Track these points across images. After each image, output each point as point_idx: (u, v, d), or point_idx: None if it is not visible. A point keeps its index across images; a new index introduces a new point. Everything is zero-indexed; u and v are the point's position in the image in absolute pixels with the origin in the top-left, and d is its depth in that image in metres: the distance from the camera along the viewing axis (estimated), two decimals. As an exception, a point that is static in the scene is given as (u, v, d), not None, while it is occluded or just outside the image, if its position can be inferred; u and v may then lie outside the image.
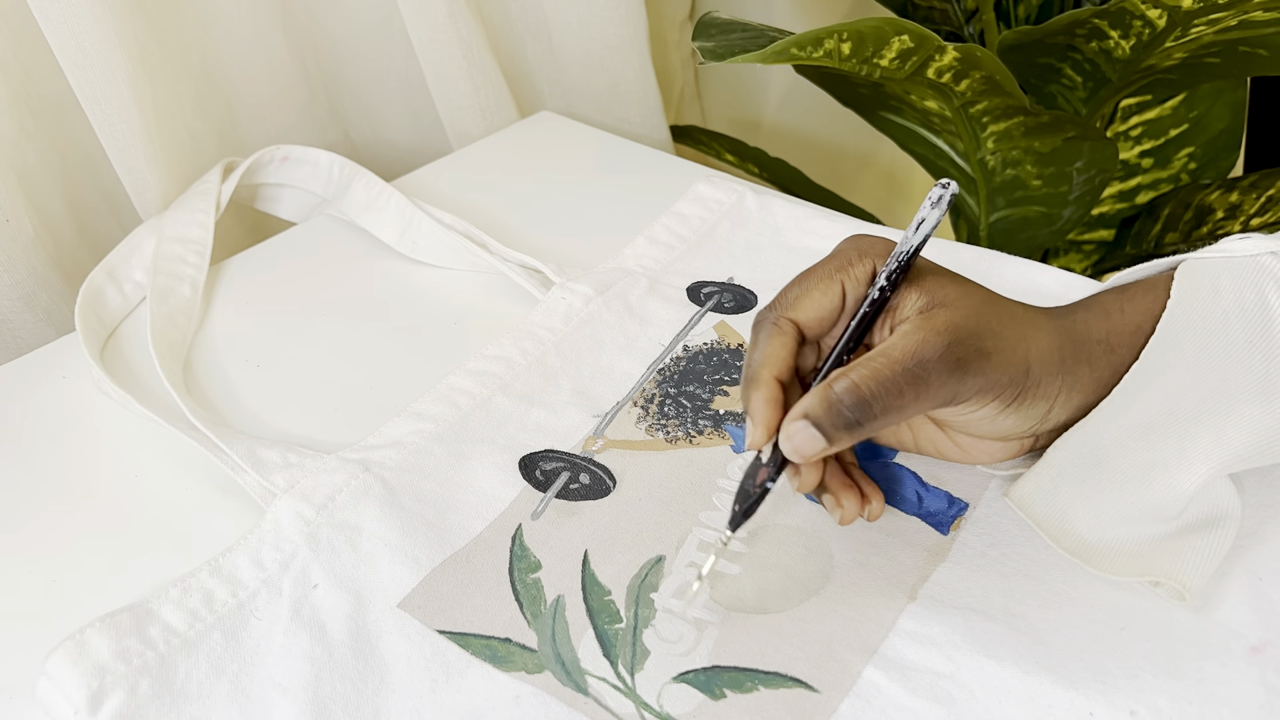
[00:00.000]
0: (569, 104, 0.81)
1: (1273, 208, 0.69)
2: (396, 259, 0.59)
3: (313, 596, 0.37)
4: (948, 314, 0.34)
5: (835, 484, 0.37)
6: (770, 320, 0.37)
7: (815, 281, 0.37)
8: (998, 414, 0.35)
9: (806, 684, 0.33)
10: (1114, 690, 0.32)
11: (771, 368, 0.35)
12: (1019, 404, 0.35)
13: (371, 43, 0.75)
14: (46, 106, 0.62)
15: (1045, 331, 0.36)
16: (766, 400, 0.35)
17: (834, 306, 0.37)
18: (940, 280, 0.35)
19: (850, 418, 0.33)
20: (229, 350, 0.53)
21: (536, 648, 0.35)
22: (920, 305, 0.35)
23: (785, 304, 0.37)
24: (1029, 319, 0.36)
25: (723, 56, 0.55)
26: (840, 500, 0.36)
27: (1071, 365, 0.36)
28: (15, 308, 0.60)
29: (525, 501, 0.41)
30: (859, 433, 0.33)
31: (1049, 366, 0.35)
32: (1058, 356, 0.35)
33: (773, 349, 0.36)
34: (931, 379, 0.33)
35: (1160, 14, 0.55)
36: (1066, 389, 0.36)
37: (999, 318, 0.35)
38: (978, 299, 0.35)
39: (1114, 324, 0.37)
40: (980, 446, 0.39)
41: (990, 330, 0.34)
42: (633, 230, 0.57)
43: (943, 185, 0.35)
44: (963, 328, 0.34)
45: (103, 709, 0.33)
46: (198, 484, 0.44)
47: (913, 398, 0.33)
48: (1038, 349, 0.35)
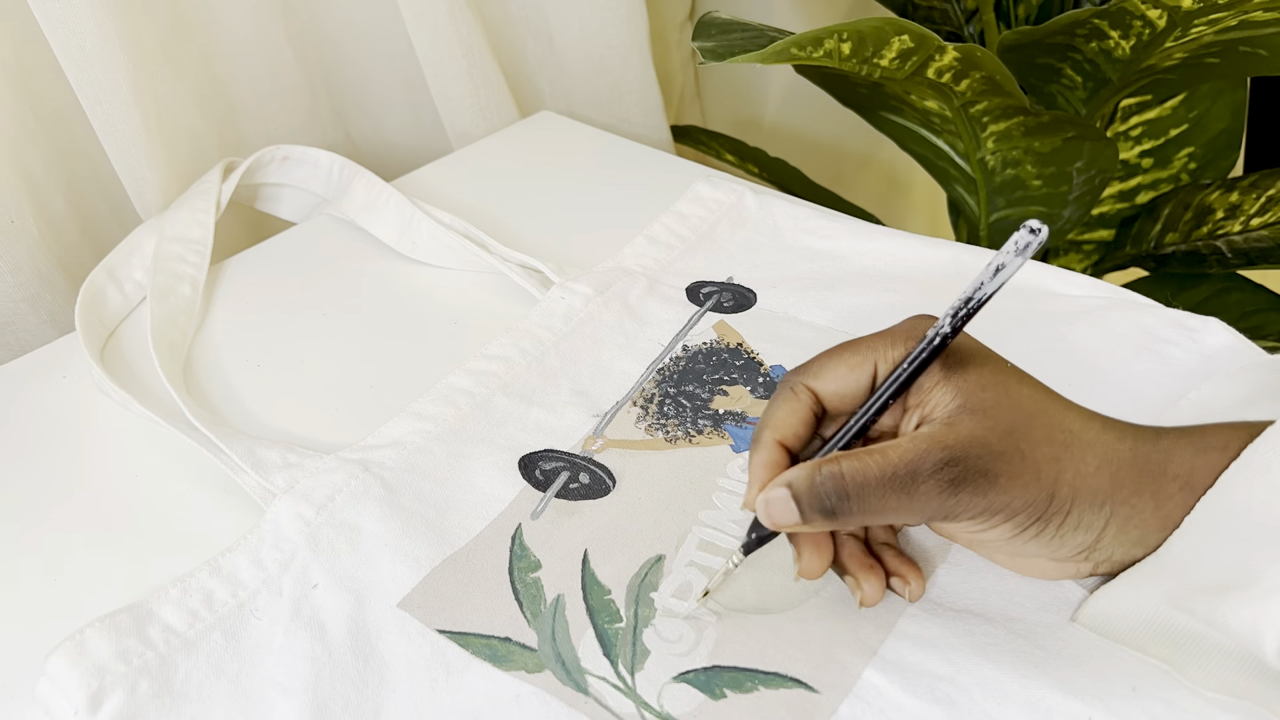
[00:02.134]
0: (569, 104, 0.81)
1: (1273, 208, 0.69)
2: (396, 259, 0.59)
3: (313, 596, 0.37)
4: (970, 426, 0.31)
5: (854, 565, 0.35)
6: (789, 385, 0.35)
7: (847, 355, 0.34)
8: (1012, 538, 0.33)
9: (806, 684, 0.33)
10: (1111, 696, 0.32)
11: (775, 431, 0.34)
12: (1041, 530, 0.32)
13: (372, 43, 0.75)
14: (49, 107, 0.62)
15: (1095, 455, 0.32)
16: (763, 463, 0.34)
17: (859, 385, 0.34)
18: (985, 380, 0.33)
19: (827, 506, 0.32)
20: (229, 350, 0.53)
21: (536, 647, 0.35)
22: (951, 409, 0.32)
23: (808, 371, 0.35)
24: (1078, 439, 0.32)
25: (723, 56, 0.55)
26: (860, 583, 0.35)
27: (1128, 496, 0.32)
28: (20, 310, 0.60)
29: (525, 501, 0.41)
30: (836, 522, 0.32)
31: (1091, 495, 0.32)
32: (1108, 486, 0.32)
33: (781, 414, 0.34)
34: (920, 493, 0.31)
35: (1160, 14, 0.55)
36: (1120, 520, 0.32)
37: (1031, 435, 0.32)
38: (1018, 411, 0.32)
39: (1206, 461, 0.32)
40: (1029, 564, 0.35)
41: (1012, 450, 0.31)
42: (632, 230, 0.57)
43: (1032, 230, 0.30)
44: (975, 445, 0.31)
45: (103, 709, 0.33)
46: (198, 484, 0.44)
47: (896, 505, 0.31)
48: (1075, 474, 0.32)
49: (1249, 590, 0.30)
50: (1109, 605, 0.34)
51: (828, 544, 0.35)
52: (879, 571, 0.35)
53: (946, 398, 0.32)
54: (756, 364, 0.47)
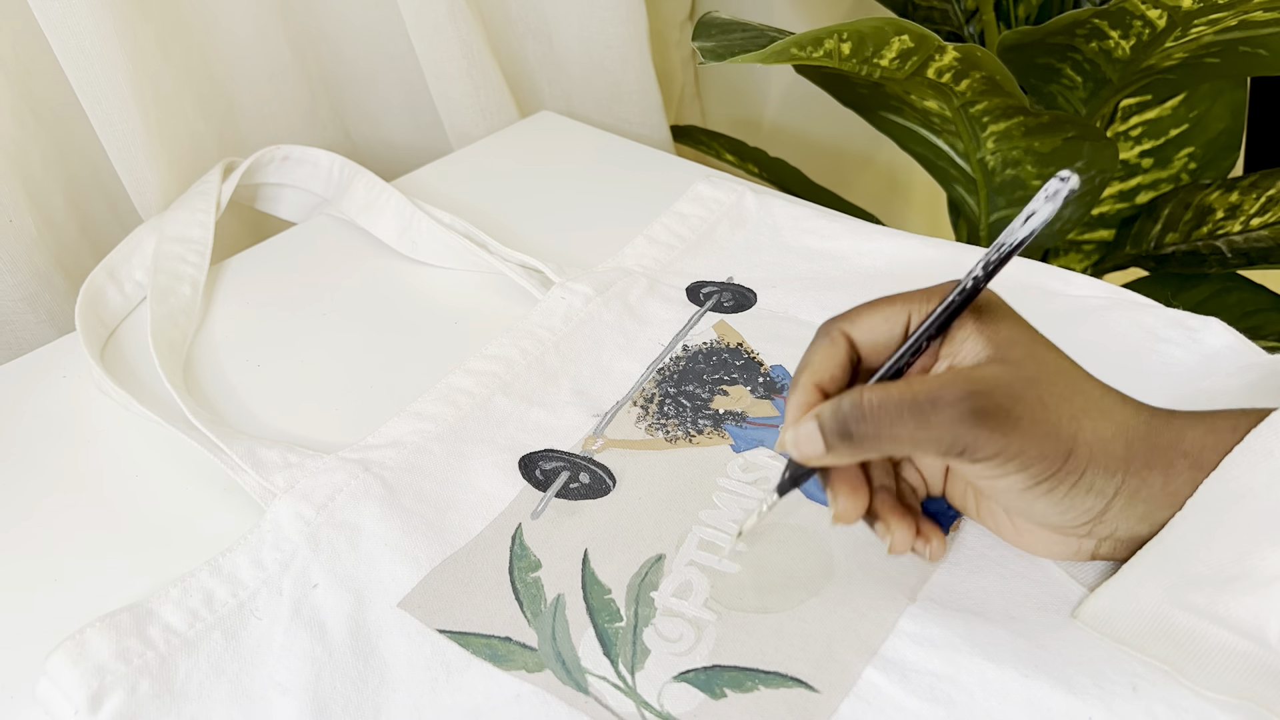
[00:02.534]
0: (569, 104, 0.81)
1: (1273, 208, 0.69)
2: (396, 259, 0.59)
3: (313, 596, 0.37)
4: (997, 371, 0.32)
5: (885, 510, 0.36)
6: (826, 331, 0.36)
7: (883, 305, 0.35)
8: (1025, 489, 0.33)
9: (807, 684, 0.33)
10: (1112, 696, 0.32)
11: (812, 374, 0.35)
12: (1054, 487, 0.32)
13: (372, 43, 0.75)
14: (48, 107, 0.62)
15: (1113, 423, 0.33)
16: (798, 404, 0.35)
17: (893, 334, 0.35)
18: (1015, 336, 0.33)
19: (847, 428, 0.32)
20: (229, 350, 0.53)
21: (537, 646, 0.35)
22: (981, 358, 0.33)
23: (846, 319, 0.36)
24: (1097, 404, 0.33)
25: (723, 56, 0.55)
26: (891, 526, 0.35)
27: (1139, 468, 0.33)
28: (18, 309, 0.60)
29: (525, 501, 0.41)
30: (853, 446, 0.32)
31: (1104, 460, 0.32)
32: (1122, 453, 0.32)
33: (818, 357, 0.35)
34: (937, 420, 0.31)
35: (1160, 14, 0.55)
36: (1128, 492, 0.33)
37: (1056, 391, 0.32)
38: (1044, 366, 0.33)
39: (1216, 440, 0.33)
40: (1034, 534, 0.36)
41: (1034, 398, 0.32)
42: (633, 230, 0.57)
43: (1061, 178, 0.31)
44: (999, 385, 0.32)
45: (103, 709, 0.33)
46: (198, 484, 0.44)
47: (913, 429, 0.32)
48: (1093, 436, 0.32)
49: (1251, 578, 0.30)
50: (1110, 603, 0.34)
51: (863, 489, 0.35)
52: (910, 520, 0.36)
53: (977, 347, 0.33)
54: (756, 364, 0.47)
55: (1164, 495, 0.33)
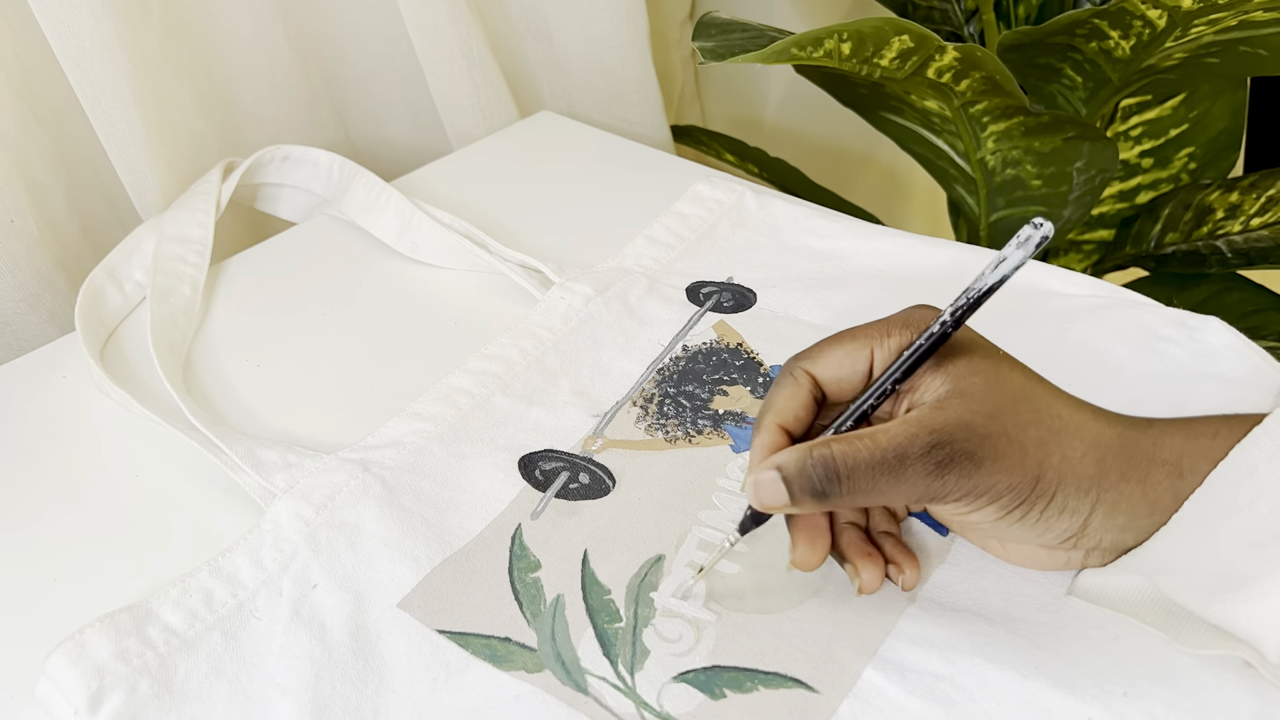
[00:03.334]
0: (569, 104, 0.81)
1: (1273, 208, 0.69)
2: (396, 259, 0.59)
3: (312, 596, 0.37)
4: (957, 409, 0.32)
5: (852, 552, 0.36)
6: (789, 370, 0.36)
7: (845, 341, 0.35)
8: (997, 520, 0.33)
9: (806, 684, 0.33)
10: (1111, 696, 0.32)
11: (776, 415, 0.35)
12: (1026, 513, 0.33)
13: (372, 42, 0.75)
14: (49, 107, 0.62)
15: (1082, 441, 0.33)
16: (762, 446, 0.35)
17: (856, 372, 0.35)
18: (974, 365, 0.33)
19: (817, 488, 0.32)
20: (229, 350, 0.53)
21: (536, 647, 0.35)
22: (940, 394, 0.33)
23: (808, 357, 0.36)
24: (1065, 425, 0.33)
25: (723, 56, 0.55)
26: (859, 569, 0.35)
27: (1115, 482, 0.33)
28: (19, 309, 0.60)
29: (525, 501, 0.41)
30: (825, 504, 0.33)
31: (1075, 480, 0.32)
32: (1094, 471, 0.33)
33: (781, 398, 0.35)
34: (908, 474, 0.32)
35: (1160, 14, 0.55)
36: (1107, 506, 0.33)
37: (1019, 420, 0.32)
38: (1004, 395, 0.33)
39: (1195, 446, 0.33)
40: (1022, 551, 0.36)
41: (998, 432, 0.32)
42: (633, 230, 0.57)
43: (1034, 225, 0.31)
44: (961, 428, 0.32)
45: (102, 709, 0.33)
46: (198, 484, 0.44)
47: (885, 487, 0.32)
48: (1061, 459, 0.32)
49: (1243, 591, 0.30)
50: (1102, 579, 0.34)
51: (824, 535, 0.35)
52: (878, 559, 0.36)
53: (936, 382, 0.33)
54: (756, 364, 0.47)
55: (1144, 504, 0.33)
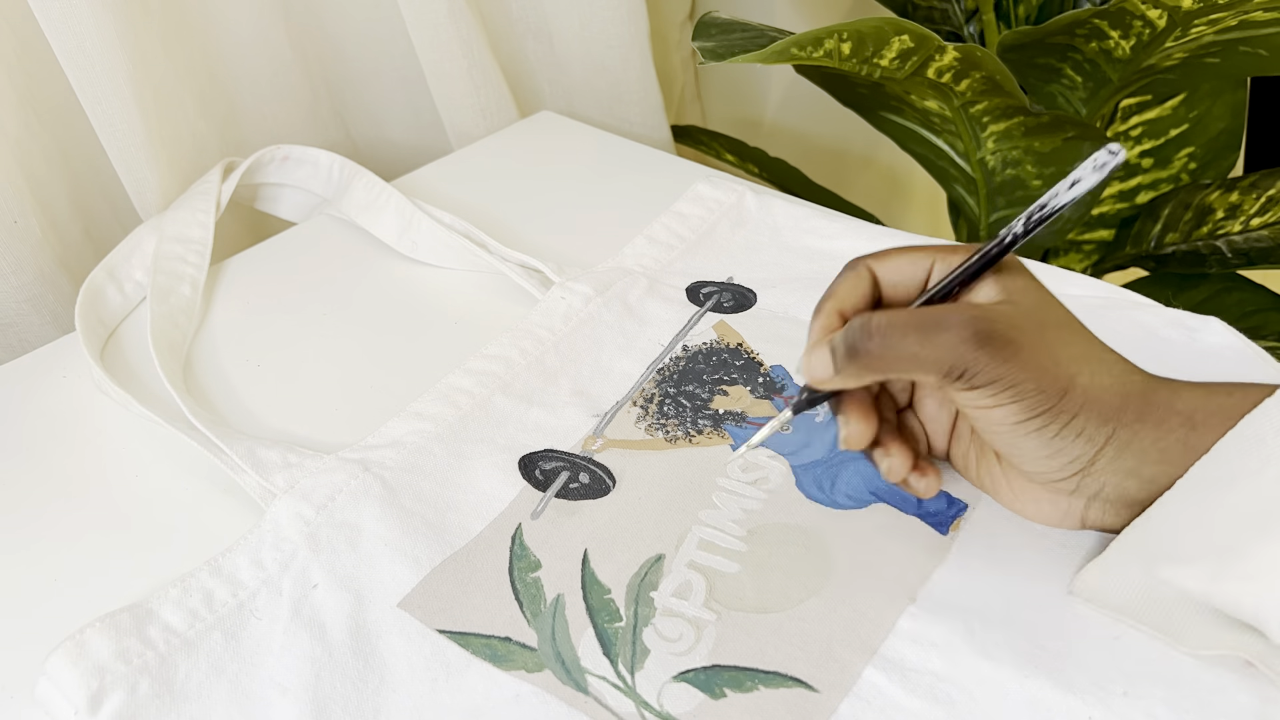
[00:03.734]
0: (569, 104, 0.81)
1: (1273, 208, 0.69)
2: (396, 259, 0.59)
3: (313, 596, 0.37)
4: (1004, 307, 0.33)
5: (886, 435, 0.37)
6: (853, 265, 0.37)
7: (910, 250, 0.37)
8: (1018, 423, 0.33)
9: (806, 684, 0.33)
10: (1111, 695, 0.32)
11: (836, 301, 0.36)
12: (1046, 424, 0.33)
13: (372, 42, 0.75)
14: (50, 107, 0.62)
15: (1111, 375, 0.34)
16: (820, 327, 0.36)
17: (915, 277, 0.36)
18: (1028, 286, 0.34)
19: (853, 345, 0.34)
20: (229, 350, 0.53)
21: (536, 647, 0.35)
22: (994, 297, 0.34)
23: (873, 256, 0.37)
24: (1097, 355, 0.34)
25: (723, 56, 0.55)
26: (890, 450, 0.37)
27: (1132, 421, 0.33)
28: (22, 310, 0.60)
29: (525, 501, 0.41)
30: (859, 364, 0.34)
31: (1099, 407, 0.33)
32: (1117, 402, 0.33)
33: (843, 286, 0.37)
34: (941, 339, 0.32)
35: (1160, 14, 0.55)
36: (1119, 444, 0.33)
37: (1060, 336, 0.34)
38: (1050, 315, 0.34)
39: (1210, 403, 0.33)
40: (1028, 492, 0.37)
41: (1037, 335, 0.33)
42: (633, 230, 0.57)
43: (1111, 152, 0.32)
44: (1004, 316, 0.33)
45: (103, 709, 0.33)
46: (198, 484, 0.44)
47: (917, 347, 0.33)
48: (1090, 381, 0.33)
49: (1244, 565, 0.31)
50: (1101, 578, 0.35)
51: (873, 415, 0.37)
52: (909, 449, 0.37)
53: (989, 290, 0.34)
54: (756, 364, 0.47)
55: (1154, 450, 0.33)
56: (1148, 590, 0.33)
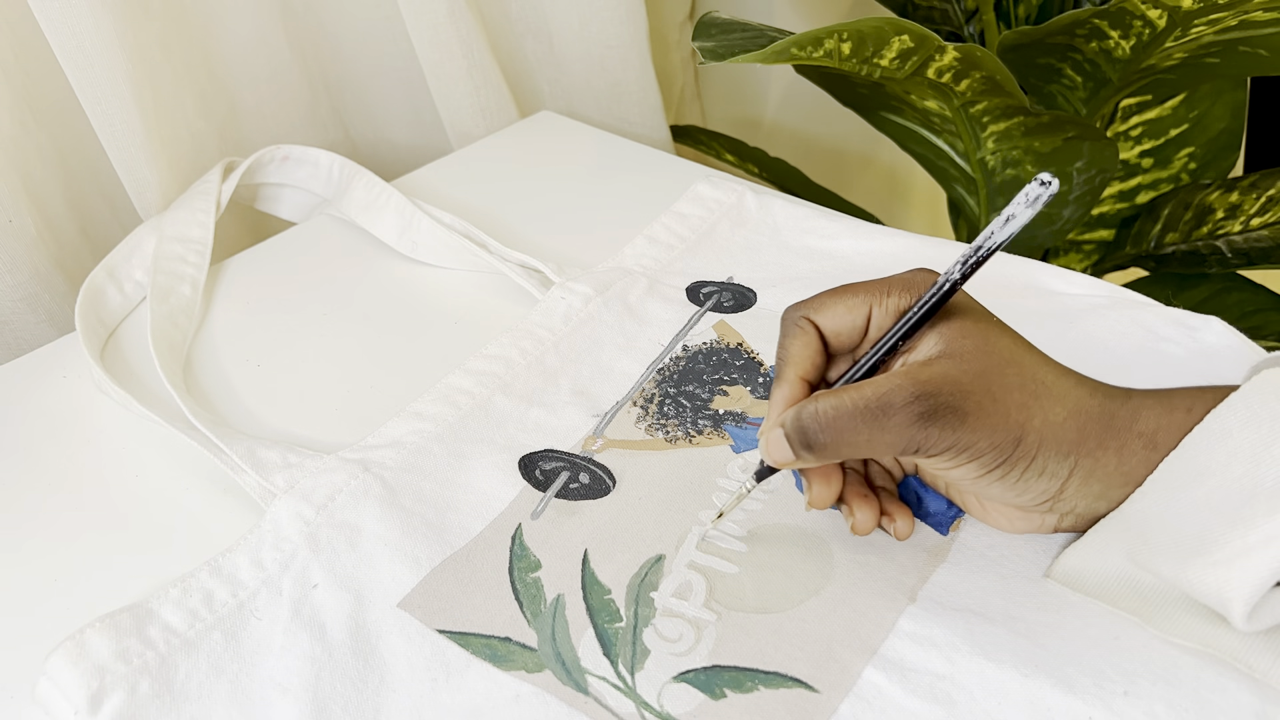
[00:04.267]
0: (569, 104, 0.81)
1: (1273, 208, 0.69)
2: (396, 259, 0.59)
3: (313, 596, 0.37)
4: (945, 367, 0.33)
5: (850, 494, 0.38)
6: (792, 319, 0.37)
7: (845, 295, 0.36)
8: (978, 478, 0.34)
9: (806, 684, 0.33)
10: (1112, 695, 0.32)
11: (795, 367, 0.36)
12: (1006, 473, 0.34)
13: (372, 43, 0.75)
14: (48, 106, 0.62)
15: (1064, 407, 0.34)
16: (782, 398, 0.36)
17: (854, 325, 0.36)
18: (967, 329, 0.34)
19: (806, 439, 0.34)
20: (229, 350, 0.53)
21: (536, 647, 0.35)
22: (932, 352, 0.34)
23: (808, 305, 0.37)
24: (1049, 390, 0.34)
25: (723, 56, 0.55)
26: (853, 509, 0.37)
27: (1092, 449, 0.34)
28: (18, 309, 0.60)
29: (525, 501, 0.41)
30: (817, 455, 0.34)
31: (1057, 444, 0.33)
32: (1074, 437, 0.34)
33: (796, 349, 0.37)
34: (891, 424, 0.33)
35: (1160, 14, 0.55)
36: (1083, 473, 0.34)
37: (1005, 381, 0.33)
38: (992, 358, 0.34)
39: (1170, 421, 0.34)
40: (1000, 512, 0.37)
41: (982, 391, 0.33)
42: (632, 230, 0.57)
43: (1042, 182, 0.31)
44: (948, 383, 0.33)
45: (103, 709, 0.33)
46: (198, 484, 0.44)
47: (869, 436, 0.33)
48: (1043, 423, 0.33)
49: (1212, 554, 0.31)
50: (1079, 562, 0.35)
51: (836, 477, 0.37)
52: (874, 503, 0.37)
53: (930, 342, 0.34)
54: (756, 364, 0.47)
55: (1118, 475, 0.34)
56: (1125, 576, 0.34)
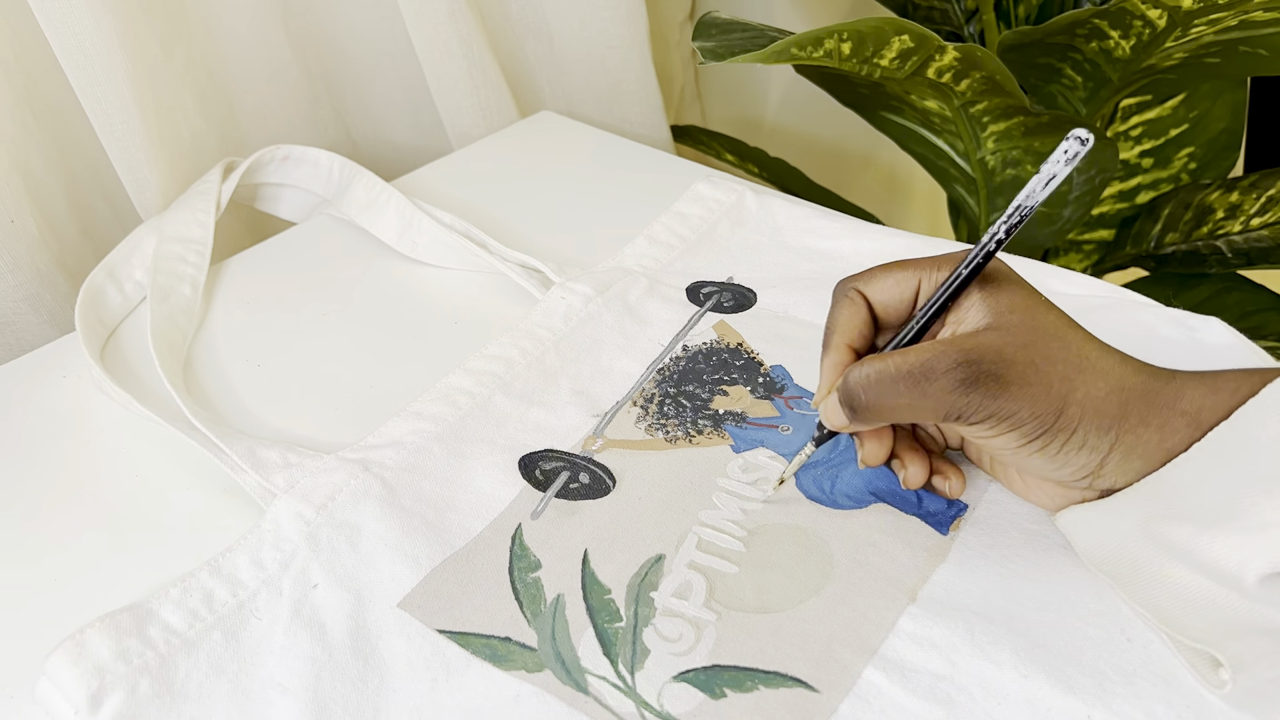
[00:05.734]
0: (569, 104, 0.81)
1: (1273, 208, 0.69)
2: (396, 259, 0.59)
3: (313, 596, 0.37)
4: (990, 337, 0.34)
5: (901, 449, 0.39)
6: (843, 291, 0.38)
7: (895, 269, 0.37)
8: (1019, 448, 0.34)
9: (806, 684, 0.33)
10: (1111, 696, 0.32)
11: (843, 335, 0.37)
12: (1047, 444, 0.34)
13: (372, 42, 0.75)
14: (48, 106, 0.62)
15: (1107, 382, 0.34)
16: (832, 364, 0.37)
17: (903, 297, 0.37)
18: (1014, 303, 0.35)
19: (851, 402, 0.35)
20: (229, 350, 0.53)
21: (536, 647, 0.35)
22: (979, 324, 0.34)
23: (859, 279, 0.38)
24: (1093, 364, 0.34)
25: (723, 56, 0.55)
26: (905, 463, 0.38)
27: (1134, 425, 0.33)
28: (19, 309, 0.60)
29: (525, 501, 0.41)
30: (862, 418, 0.35)
31: (1097, 417, 0.33)
32: (1116, 411, 0.33)
33: (844, 318, 0.37)
34: (933, 389, 0.33)
35: (1160, 14, 0.55)
36: (1123, 450, 0.34)
37: (1048, 353, 0.33)
38: (1037, 331, 0.34)
39: (1215, 401, 0.33)
40: (1040, 489, 0.38)
41: (1025, 361, 0.33)
42: (633, 230, 0.57)
43: (1080, 140, 0.31)
44: (990, 352, 0.33)
45: (103, 709, 0.33)
46: (198, 484, 0.44)
47: (910, 400, 0.34)
48: (1085, 396, 0.33)
49: (1239, 521, 0.31)
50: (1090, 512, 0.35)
51: (887, 435, 0.38)
52: (925, 457, 0.38)
53: (977, 314, 0.35)
54: (757, 364, 0.47)
55: (1160, 451, 0.34)
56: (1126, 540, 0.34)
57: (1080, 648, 0.34)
